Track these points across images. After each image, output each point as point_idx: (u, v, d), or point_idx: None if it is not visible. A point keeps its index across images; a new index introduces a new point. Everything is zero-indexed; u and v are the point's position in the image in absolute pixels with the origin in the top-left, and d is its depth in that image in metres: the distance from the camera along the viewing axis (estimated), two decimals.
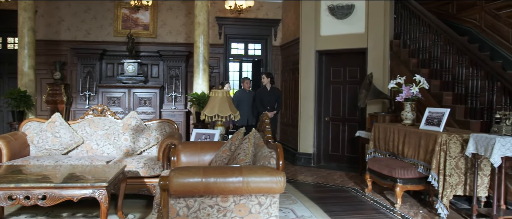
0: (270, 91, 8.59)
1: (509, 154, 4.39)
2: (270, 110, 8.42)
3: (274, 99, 8.55)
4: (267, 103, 8.47)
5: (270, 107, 8.46)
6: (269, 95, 8.54)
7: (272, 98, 8.54)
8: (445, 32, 6.46)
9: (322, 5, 8.24)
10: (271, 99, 8.53)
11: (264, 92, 8.60)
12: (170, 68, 9.95)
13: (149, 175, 5.24)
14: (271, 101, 8.52)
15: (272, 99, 8.53)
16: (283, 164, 3.23)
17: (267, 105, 8.45)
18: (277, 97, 8.67)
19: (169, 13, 10.20)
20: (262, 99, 8.51)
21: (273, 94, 8.57)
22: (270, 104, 8.49)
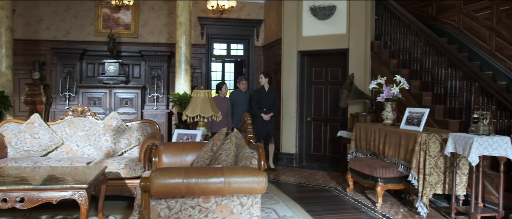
0: (268, 91, 7.99)
1: (486, 153, 4.48)
2: (267, 112, 7.88)
3: (271, 100, 7.97)
4: (264, 105, 7.91)
5: (267, 109, 7.90)
6: (267, 96, 7.95)
7: (269, 99, 7.96)
8: (424, 33, 6.56)
9: (304, 6, 8.28)
10: (268, 100, 7.94)
11: (262, 93, 7.98)
12: (151, 68, 9.87)
13: (130, 176, 5.20)
14: (268, 102, 7.93)
15: (269, 101, 7.95)
16: (265, 165, 3.24)
17: (264, 107, 7.90)
18: (274, 98, 8.11)
19: (151, 13, 10.12)
20: (259, 100, 7.94)
21: (270, 95, 8.00)
22: (267, 105, 7.92)
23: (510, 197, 4.69)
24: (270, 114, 7.90)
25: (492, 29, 6.80)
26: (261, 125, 7.82)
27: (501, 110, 5.11)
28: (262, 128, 7.81)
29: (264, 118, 7.81)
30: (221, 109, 7.55)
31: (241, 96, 8.28)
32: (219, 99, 7.89)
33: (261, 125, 7.82)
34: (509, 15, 6.51)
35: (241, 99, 8.23)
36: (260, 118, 7.81)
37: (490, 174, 4.97)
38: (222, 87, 8.06)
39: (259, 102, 7.92)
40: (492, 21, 6.81)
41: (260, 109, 7.87)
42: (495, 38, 6.74)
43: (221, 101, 7.82)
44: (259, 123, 7.80)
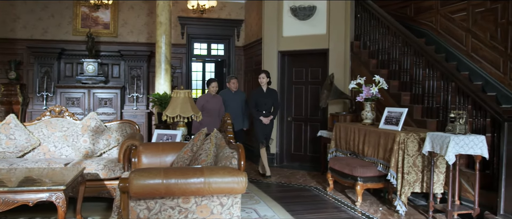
0: (267, 92, 7.32)
1: (463, 152, 4.57)
2: (266, 115, 7.23)
3: (271, 102, 7.30)
4: (263, 107, 7.25)
5: (266, 111, 7.26)
6: (266, 97, 7.28)
7: (268, 100, 7.29)
8: (403, 34, 6.64)
9: (285, 6, 8.31)
10: (267, 101, 7.27)
11: (260, 94, 7.30)
12: (131, 68, 9.77)
13: (109, 177, 5.14)
14: (268, 104, 7.28)
15: (268, 102, 7.28)
16: (245, 165, 3.24)
17: (263, 109, 7.25)
18: (275, 99, 7.41)
19: (131, 12, 10.02)
20: (257, 101, 7.26)
21: (270, 96, 7.31)
22: (266, 107, 7.27)
23: (485, 195, 4.78)
24: (270, 118, 7.26)
25: (468, 30, 6.93)
26: (260, 129, 7.28)
27: (476, 109, 5.21)
28: (261, 132, 7.28)
29: (264, 122, 7.22)
30: (211, 108, 7.17)
31: (231, 96, 7.64)
32: (209, 97, 7.34)
33: (260, 129, 7.28)
34: (484, 16, 6.65)
35: (231, 100, 7.59)
36: (259, 122, 7.25)
37: (466, 172, 5.07)
38: (211, 84, 7.38)
39: (258, 104, 7.27)
40: (468, 23, 6.94)
41: (259, 112, 7.25)
42: (471, 39, 6.88)
43: (211, 99, 7.29)
44: (258, 127, 7.28)
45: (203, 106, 7.08)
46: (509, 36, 6.24)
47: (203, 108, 7.03)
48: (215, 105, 7.26)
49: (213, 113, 7.17)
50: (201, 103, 7.16)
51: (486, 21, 6.64)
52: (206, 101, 7.25)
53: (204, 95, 7.42)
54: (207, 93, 7.43)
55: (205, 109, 7.08)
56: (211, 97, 7.32)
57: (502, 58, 6.37)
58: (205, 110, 7.06)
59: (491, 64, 6.54)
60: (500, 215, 4.46)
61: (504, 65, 6.32)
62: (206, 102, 7.22)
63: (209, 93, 7.36)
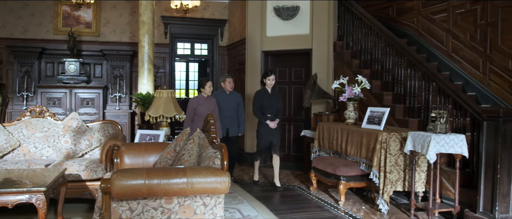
0: (272, 93, 6.58)
1: (443, 151, 4.64)
2: (272, 119, 6.49)
3: (276, 104, 6.58)
4: (269, 109, 6.48)
5: (272, 115, 6.50)
6: (271, 99, 6.53)
7: (274, 103, 6.54)
8: (385, 34, 6.71)
9: (268, 6, 8.32)
10: (273, 103, 6.53)
11: (265, 95, 6.52)
12: (114, 67, 9.68)
13: (91, 178, 5.09)
14: (274, 106, 6.52)
15: (274, 104, 6.54)
16: (228, 164, 3.23)
17: (269, 112, 6.48)
18: (278, 101, 6.71)
19: (113, 11, 9.92)
20: (262, 103, 6.48)
21: (274, 98, 6.59)
22: (272, 110, 6.51)
23: (465, 193, 4.86)
24: (276, 121, 6.53)
25: (449, 31, 7.04)
26: (266, 133, 6.47)
27: (457, 109, 5.29)
28: (266, 137, 6.48)
29: (270, 126, 6.43)
30: (204, 112, 6.29)
31: (226, 98, 6.87)
32: (202, 99, 6.50)
33: (266, 133, 6.47)
34: (465, 18, 6.76)
35: (226, 102, 6.83)
36: (264, 126, 6.47)
37: (447, 171, 5.15)
38: (206, 84, 6.50)
39: (262, 107, 6.50)
40: (448, 24, 7.05)
41: (265, 116, 6.48)
42: (452, 40, 6.99)
43: (204, 102, 6.48)
44: (263, 132, 6.50)
45: (195, 110, 6.37)
46: (488, 37, 6.36)
47: (195, 111, 6.36)
48: (208, 108, 6.44)
49: None
50: (193, 106, 6.40)
51: (466, 22, 6.75)
52: (198, 104, 6.44)
53: (196, 97, 6.58)
54: (200, 95, 6.56)
55: (197, 113, 6.36)
56: (204, 99, 6.49)
57: (481, 59, 6.48)
58: (197, 114, 6.35)
59: (471, 65, 6.65)
60: (480, 213, 4.54)
61: (484, 65, 6.44)
62: (198, 105, 6.41)
63: (202, 94, 6.52)
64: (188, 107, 6.37)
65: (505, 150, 4.39)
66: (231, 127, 6.82)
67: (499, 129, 4.38)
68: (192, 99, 6.60)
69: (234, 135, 6.89)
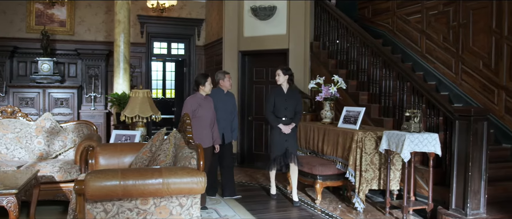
0: (288, 94, 5.70)
1: (417, 150, 4.72)
2: (287, 122, 5.59)
3: (292, 105, 5.66)
4: (283, 112, 5.61)
5: (287, 118, 5.62)
6: (286, 100, 5.65)
7: (290, 104, 5.64)
8: (361, 35, 6.79)
9: (245, 6, 8.32)
10: (289, 105, 5.63)
11: (280, 95, 5.67)
12: (89, 67, 9.53)
13: (65, 179, 5.00)
14: (288, 108, 5.62)
15: (290, 106, 5.63)
16: (204, 165, 3.22)
17: (282, 115, 5.62)
18: (297, 102, 5.74)
19: (88, 9, 9.76)
20: (276, 105, 5.64)
21: (291, 98, 5.69)
22: (287, 112, 5.62)
23: (438, 191, 4.96)
24: (292, 126, 5.61)
25: (423, 32, 7.17)
26: (279, 139, 5.60)
27: (430, 108, 5.40)
28: (280, 144, 5.60)
29: (283, 131, 5.56)
30: (205, 116, 5.24)
31: (223, 98, 5.88)
32: (201, 99, 5.30)
33: (279, 139, 5.60)
34: (438, 19, 6.90)
35: (223, 104, 5.84)
36: (277, 131, 5.61)
37: (421, 169, 5.24)
38: (206, 80, 5.31)
39: (276, 108, 5.66)
40: (422, 25, 7.18)
41: (278, 119, 5.63)
42: (425, 41, 7.12)
43: (204, 102, 5.31)
44: (276, 137, 5.62)
45: (194, 112, 5.15)
46: (460, 38, 6.50)
47: (194, 114, 5.14)
48: (209, 110, 5.33)
49: (206, 122, 5.25)
50: (192, 107, 5.16)
51: (439, 24, 6.89)
52: (198, 104, 5.20)
53: (193, 96, 5.32)
54: (197, 94, 5.34)
55: (197, 116, 5.17)
56: (203, 99, 5.32)
57: (454, 59, 6.63)
58: (197, 117, 5.17)
59: (444, 65, 6.79)
60: (452, 210, 4.64)
61: (456, 65, 6.58)
62: (199, 107, 5.21)
63: (200, 93, 5.33)
64: (185, 109, 5.13)
65: (476, 149, 4.50)
66: (226, 132, 5.85)
67: (471, 128, 4.49)
68: (189, 99, 5.28)
69: (229, 141, 5.93)
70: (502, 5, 5.91)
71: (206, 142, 5.17)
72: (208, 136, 5.26)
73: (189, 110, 5.10)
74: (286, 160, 5.64)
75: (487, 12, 6.12)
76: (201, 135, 5.12)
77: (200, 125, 5.15)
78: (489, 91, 6.10)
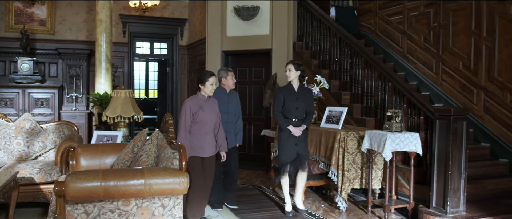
0: (299, 91, 5.08)
1: (399, 149, 4.78)
2: (297, 124, 5.01)
3: (303, 105, 5.07)
4: (293, 112, 5.02)
5: (297, 119, 5.04)
6: (297, 99, 5.03)
7: (301, 103, 5.04)
8: (343, 35, 6.83)
9: (229, 6, 8.30)
10: (300, 105, 5.03)
11: (290, 93, 5.05)
12: (70, 67, 9.41)
13: (46, 181, 4.93)
14: (300, 107, 5.03)
15: (301, 105, 5.04)
16: (186, 165, 3.21)
17: (292, 115, 5.03)
18: (309, 102, 5.17)
19: (69, 8, 9.64)
20: (286, 103, 5.03)
21: (303, 97, 5.08)
22: (297, 113, 5.03)
23: (419, 189, 5.02)
24: (302, 128, 5.03)
25: (404, 32, 7.26)
26: (289, 143, 5.02)
27: (411, 108, 5.46)
28: (290, 149, 5.03)
29: (293, 133, 4.98)
30: (207, 119, 4.48)
31: (225, 98, 5.27)
32: (202, 100, 4.52)
33: (289, 143, 5.02)
34: (419, 20, 6.99)
35: (226, 104, 5.24)
36: (286, 134, 5.03)
37: (402, 168, 5.30)
38: (209, 79, 4.48)
39: (285, 108, 5.06)
40: (404, 25, 7.27)
41: (287, 120, 5.04)
42: (407, 41, 7.21)
43: (206, 104, 4.53)
44: (285, 141, 5.04)
45: (194, 116, 4.42)
46: (441, 39, 6.60)
47: (194, 118, 4.42)
48: (212, 113, 4.56)
49: (209, 127, 4.53)
50: (192, 110, 4.41)
51: (420, 24, 6.98)
52: (199, 107, 4.45)
53: (193, 97, 4.54)
54: (199, 94, 4.55)
55: (198, 120, 4.43)
56: (205, 101, 4.54)
57: (434, 60, 6.72)
58: (198, 122, 4.44)
59: (424, 65, 6.88)
60: (433, 208, 4.70)
61: (437, 66, 6.68)
62: (200, 109, 4.45)
63: (201, 94, 4.54)
64: (184, 113, 4.40)
65: (455, 148, 4.57)
66: (230, 136, 5.22)
67: (450, 127, 4.55)
68: (189, 101, 4.49)
69: (233, 145, 5.31)
70: (481, 7, 6.02)
71: (208, 150, 4.52)
72: (210, 143, 4.54)
73: (188, 114, 4.38)
74: (297, 166, 5.11)
75: (467, 14, 6.22)
76: (203, 142, 4.47)
77: (202, 130, 4.46)
78: (469, 91, 6.20)
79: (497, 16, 5.82)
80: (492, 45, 5.89)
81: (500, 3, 5.79)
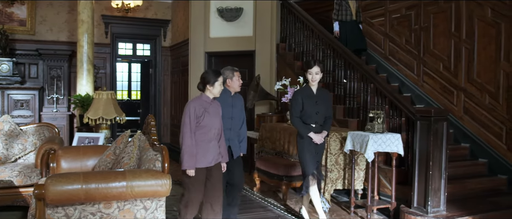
0: (318, 95, 4.65)
1: (381, 150, 4.82)
2: (317, 130, 4.61)
3: (323, 109, 4.65)
4: (313, 117, 4.60)
5: (317, 124, 4.63)
6: (317, 103, 4.60)
7: (321, 107, 4.62)
8: (326, 37, 6.87)
9: (212, 7, 8.29)
10: (320, 109, 4.61)
11: (309, 97, 4.62)
12: (51, 68, 9.26)
13: (25, 184, 4.85)
14: (320, 112, 4.62)
15: (321, 109, 4.62)
16: (169, 167, 3.19)
17: (312, 120, 4.61)
18: (328, 105, 4.74)
19: (50, 8, 9.50)
20: (305, 109, 4.60)
21: (323, 101, 4.66)
22: (318, 118, 4.62)
23: (401, 189, 5.07)
24: (324, 134, 4.65)
25: (386, 35, 7.34)
26: (310, 152, 4.62)
27: (393, 109, 5.53)
28: (312, 157, 4.64)
29: (315, 141, 4.59)
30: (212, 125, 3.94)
31: (229, 101, 4.50)
32: (207, 103, 3.99)
33: (310, 152, 4.62)
34: (400, 22, 7.08)
35: (230, 109, 4.48)
36: (307, 142, 4.61)
37: (384, 168, 5.36)
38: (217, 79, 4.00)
39: (305, 113, 4.62)
40: (386, 28, 7.35)
41: (307, 126, 4.61)
42: (389, 43, 7.29)
43: (211, 107, 4.00)
44: (307, 149, 4.62)
45: (199, 120, 3.88)
46: (422, 41, 6.69)
47: (198, 122, 3.88)
48: (216, 117, 4.04)
49: (213, 133, 3.99)
50: (196, 113, 3.89)
51: (401, 27, 7.07)
52: (204, 110, 3.93)
53: (197, 99, 4.01)
54: (203, 96, 4.03)
55: (203, 125, 3.90)
56: (210, 103, 4.02)
57: (415, 61, 6.81)
58: (202, 127, 3.90)
59: (406, 67, 6.97)
60: (414, 208, 4.76)
61: (418, 67, 6.77)
62: (206, 113, 3.94)
63: (206, 95, 4.02)
64: (187, 116, 3.86)
65: (436, 148, 4.63)
66: (233, 144, 4.50)
67: (431, 128, 4.62)
68: (193, 103, 3.96)
69: (237, 155, 4.57)
70: (460, 10, 6.12)
71: (211, 158, 3.96)
72: (214, 152, 3.99)
73: (192, 117, 3.85)
74: (319, 176, 4.73)
75: (447, 16, 6.32)
76: (206, 150, 3.91)
77: (206, 137, 3.91)
78: (449, 92, 6.30)
79: (476, 19, 5.93)
80: (471, 47, 5.99)
81: (478, 6, 5.90)
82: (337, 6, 7.23)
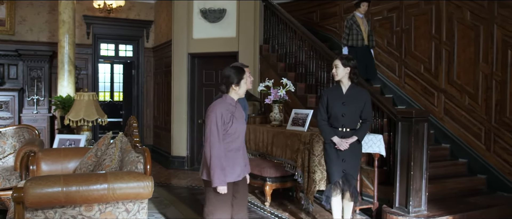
0: (348, 94, 4.15)
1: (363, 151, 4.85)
2: (345, 135, 4.16)
3: (353, 110, 4.13)
4: (340, 119, 4.14)
5: (345, 128, 4.17)
6: (344, 104, 4.12)
7: (349, 109, 4.12)
8: (309, 38, 6.91)
9: (195, 8, 8.26)
10: (347, 111, 4.12)
11: (336, 97, 4.18)
12: (31, 69, 9.12)
13: (4, 187, 4.74)
14: (348, 114, 4.13)
15: (349, 111, 4.12)
16: (151, 169, 3.17)
17: (339, 124, 4.16)
18: (364, 106, 4.16)
19: (30, 8, 9.36)
20: (331, 110, 4.18)
21: (353, 101, 4.14)
22: (345, 120, 4.14)
23: (383, 190, 5.12)
24: (351, 140, 4.14)
25: None
26: (335, 158, 4.20)
27: (375, 110, 5.57)
28: (337, 165, 4.20)
29: (338, 146, 4.14)
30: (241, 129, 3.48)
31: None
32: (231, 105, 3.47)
33: (335, 158, 4.20)
34: (382, 24, 7.15)
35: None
36: (332, 146, 4.21)
37: (367, 169, 5.40)
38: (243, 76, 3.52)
39: (334, 113, 4.17)
40: None
41: (332, 130, 4.20)
42: None
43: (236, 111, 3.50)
44: (331, 155, 4.23)
45: (226, 126, 3.35)
46: (403, 43, 6.77)
47: (226, 129, 3.35)
48: (243, 122, 3.55)
49: (241, 140, 3.52)
50: (225, 118, 3.35)
51: (383, 29, 7.14)
52: (231, 114, 3.42)
53: (222, 101, 3.47)
54: (227, 97, 3.50)
55: (232, 132, 3.39)
56: (235, 106, 3.50)
57: (397, 63, 6.89)
58: (230, 134, 3.39)
59: (388, 68, 7.04)
60: (396, 208, 4.81)
61: (399, 69, 6.85)
62: (233, 117, 3.41)
63: (230, 96, 3.51)
64: (214, 123, 3.30)
65: (417, 149, 4.69)
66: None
67: (412, 129, 4.67)
68: (218, 106, 3.39)
69: None
70: (441, 12, 6.22)
71: (239, 171, 3.46)
72: (241, 163, 3.48)
73: (219, 124, 3.29)
74: (342, 187, 4.23)
75: (427, 19, 6.42)
76: (234, 161, 3.40)
77: (234, 146, 3.42)
78: (430, 94, 6.39)
79: (456, 22, 6.03)
80: (451, 49, 6.09)
81: (458, 8, 6.00)
82: (347, 29, 6.71)
